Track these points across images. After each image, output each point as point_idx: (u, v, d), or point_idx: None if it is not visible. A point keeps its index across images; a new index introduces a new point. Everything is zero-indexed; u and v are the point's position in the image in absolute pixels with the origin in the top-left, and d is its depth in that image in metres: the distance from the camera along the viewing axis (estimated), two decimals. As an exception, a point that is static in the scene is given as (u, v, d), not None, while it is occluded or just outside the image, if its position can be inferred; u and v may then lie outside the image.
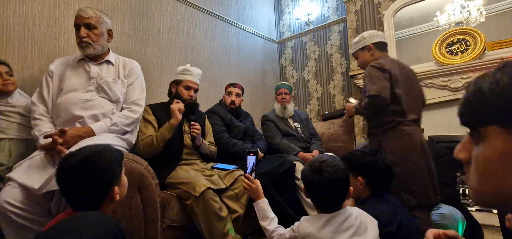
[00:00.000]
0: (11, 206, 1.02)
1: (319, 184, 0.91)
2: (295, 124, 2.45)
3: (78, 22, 1.38)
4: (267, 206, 1.11)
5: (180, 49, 2.58)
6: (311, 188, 0.94)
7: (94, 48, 1.41)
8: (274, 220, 1.08)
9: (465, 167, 0.46)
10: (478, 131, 0.42)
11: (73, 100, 1.32)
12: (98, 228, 0.63)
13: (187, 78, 1.75)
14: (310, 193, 0.96)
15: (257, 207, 1.12)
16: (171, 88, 1.81)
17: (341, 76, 3.31)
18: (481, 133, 0.41)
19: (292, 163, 1.94)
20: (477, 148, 0.43)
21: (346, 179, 0.93)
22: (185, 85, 1.74)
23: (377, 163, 1.14)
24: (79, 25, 1.38)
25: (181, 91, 1.74)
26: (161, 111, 1.70)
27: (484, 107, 0.41)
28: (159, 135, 1.57)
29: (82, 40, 1.37)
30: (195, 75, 1.78)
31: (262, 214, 1.10)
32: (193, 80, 1.77)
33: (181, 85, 1.75)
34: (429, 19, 2.70)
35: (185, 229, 1.50)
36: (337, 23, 3.35)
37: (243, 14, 3.36)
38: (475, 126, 0.43)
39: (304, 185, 0.98)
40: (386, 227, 0.98)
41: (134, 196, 1.26)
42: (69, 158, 0.78)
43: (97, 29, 1.41)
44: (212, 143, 1.90)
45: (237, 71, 3.19)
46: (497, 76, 0.40)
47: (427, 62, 2.57)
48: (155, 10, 2.40)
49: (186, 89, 1.74)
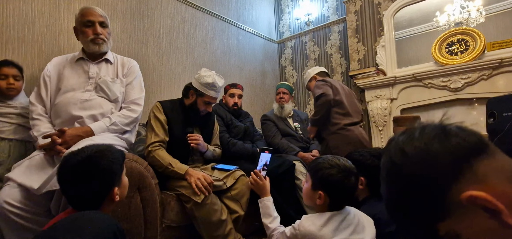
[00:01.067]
0: (11, 206, 1.02)
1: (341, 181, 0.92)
2: (294, 124, 2.46)
3: (93, 19, 1.40)
4: (272, 205, 1.13)
5: (180, 49, 2.58)
6: (329, 185, 0.93)
7: (107, 46, 1.46)
8: (276, 219, 1.09)
9: None
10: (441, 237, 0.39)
11: (71, 100, 1.32)
12: (98, 227, 0.63)
13: (211, 94, 1.60)
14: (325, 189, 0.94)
15: (262, 203, 1.13)
16: (190, 95, 1.64)
17: (341, 76, 3.31)
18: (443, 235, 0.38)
19: (291, 163, 1.94)
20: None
21: (357, 177, 0.97)
22: (207, 101, 1.62)
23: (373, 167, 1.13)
24: (93, 22, 1.40)
25: (200, 104, 1.62)
26: (172, 110, 1.62)
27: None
28: (173, 170, 1.45)
29: (100, 37, 1.41)
30: (219, 90, 1.64)
31: (266, 212, 1.11)
32: (216, 96, 1.64)
33: (202, 98, 1.61)
34: (429, 20, 2.70)
35: (185, 229, 1.50)
36: (337, 23, 3.36)
37: (243, 14, 3.36)
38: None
39: (319, 181, 0.95)
40: (386, 227, 0.99)
41: (133, 196, 1.25)
42: (71, 157, 0.78)
43: (108, 28, 1.47)
44: (217, 145, 1.86)
45: (237, 71, 3.19)
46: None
47: (426, 62, 2.58)
48: (155, 10, 2.40)
49: (206, 104, 1.63)
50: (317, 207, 0.96)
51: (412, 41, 2.90)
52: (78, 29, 1.42)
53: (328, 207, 0.94)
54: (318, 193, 0.93)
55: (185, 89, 1.68)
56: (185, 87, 1.69)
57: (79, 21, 1.41)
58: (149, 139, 1.51)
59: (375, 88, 2.74)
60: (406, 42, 2.89)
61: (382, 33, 2.81)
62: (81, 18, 1.40)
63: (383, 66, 2.74)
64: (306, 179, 1.03)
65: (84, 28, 1.40)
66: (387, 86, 2.68)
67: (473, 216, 0.34)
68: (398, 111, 2.66)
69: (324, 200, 0.93)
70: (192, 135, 1.60)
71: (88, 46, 1.42)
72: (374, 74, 2.73)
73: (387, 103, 2.68)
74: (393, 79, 2.62)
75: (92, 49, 1.42)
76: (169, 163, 1.47)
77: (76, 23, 1.43)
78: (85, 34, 1.40)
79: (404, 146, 0.40)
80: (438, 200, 0.36)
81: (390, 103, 2.68)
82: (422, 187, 0.37)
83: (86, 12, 1.41)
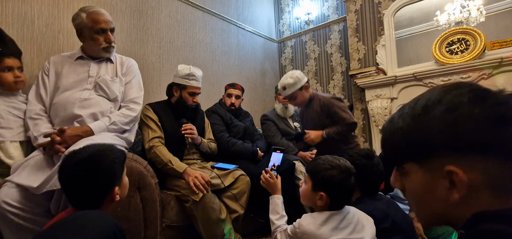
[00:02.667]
0: (9, 206, 1.02)
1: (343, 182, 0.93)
2: (294, 123, 2.45)
3: (105, 27, 1.40)
4: (282, 204, 1.14)
5: (179, 49, 2.58)
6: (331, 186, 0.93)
7: (114, 50, 1.49)
8: (283, 218, 1.10)
9: (404, 195, 0.51)
10: (402, 167, 0.47)
11: (70, 99, 1.31)
12: (98, 226, 0.63)
13: (192, 84, 1.69)
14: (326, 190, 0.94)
15: (272, 200, 1.15)
16: (173, 92, 1.74)
17: (341, 76, 3.31)
18: (404, 168, 0.47)
19: (292, 162, 1.94)
20: (406, 181, 0.48)
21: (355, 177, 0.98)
22: (190, 92, 1.70)
23: (373, 167, 1.14)
24: (105, 30, 1.40)
25: (186, 97, 1.69)
26: (161, 109, 1.68)
27: (398, 148, 0.46)
28: (172, 168, 1.48)
29: (112, 45, 1.43)
30: (199, 79, 1.73)
31: (274, 209, 1.13)
32: (198, 85, 1.72)
33: (185, 91, 1.69)
34: (429, 19, 2.69)
35: (184, 229, 1.50)
36: (337, 23, 3.35)
37: (243, 13, 3.35)
38: (397, 164, 0.48)
39: (321, 182, 0.95)
40: (380, 223, 1.00)
41: (133, 195, 1.25)
42: (73, 156, 0.79)
43: (114, 31, 1.48)
44: (211, 140, 1.89)
45: (237, 71, 3.19)
46: (399, 124, 0.45)
47: (427, 61, 2.57)
48: (154, 9, 2.39)
49: (191, 95, 1.70)
50: (318, 207, 0.97)
51: (412, 41, 2.90)
52: (86, 33, 1.39)
53: (328, 207, 0.95)
54: (319, 194, 0.94)
55: (168, 88, 1.77)
56: (168, 87, 1.77)
57: (89, 26, 1.36)
58: (147, 136, 1.56)
59: (375, 88, 2.73)
60: (406, 42, 2.89)
61: (382, 32, 2.80)
62: (91, 23, 1.36)
63: (383, 66, 2.74)
64: (305, 181, 1.02)
65: (95, 35, 1.38)
66: (387, 86, 2.68)
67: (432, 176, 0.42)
68: (398, 111, 2.66)
69: (326, 201, 0.93)
70: (187, 124, 1.65)
71: (98, 53, 1.43)
72: (374, 73, 2.73)
73: (387, 103, 2.68)
74: (393, 78, 2.62)
75: (103, 55, 1.44)
76: (169, 160, 1.50)
77: (83, 27, 1.38)
78: (96, 41, 1.39)
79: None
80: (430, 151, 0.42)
81: (390, 102, 2.67)
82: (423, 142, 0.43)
83: (98, 19, 1.37)
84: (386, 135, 0.49)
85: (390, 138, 0.48)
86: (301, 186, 1.04)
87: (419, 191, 0.45)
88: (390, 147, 0.49)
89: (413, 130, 0.43)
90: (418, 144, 0.43)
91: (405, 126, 0.44)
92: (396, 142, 0.46)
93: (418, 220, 0.50)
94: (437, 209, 0.44)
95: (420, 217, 0.49)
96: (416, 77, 2.53)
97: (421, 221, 0.50)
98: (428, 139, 0.42)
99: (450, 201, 0.41)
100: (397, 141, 0.46)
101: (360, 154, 1.19)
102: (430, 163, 0.42)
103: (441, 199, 0.42)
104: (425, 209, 0.46)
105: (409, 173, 0.46)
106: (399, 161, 0.47)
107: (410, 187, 0.47)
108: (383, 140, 0.50)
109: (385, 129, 0.48)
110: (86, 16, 1.36)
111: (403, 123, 0.44)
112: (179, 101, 1.71)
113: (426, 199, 0.45)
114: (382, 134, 0.50)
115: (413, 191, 0.46)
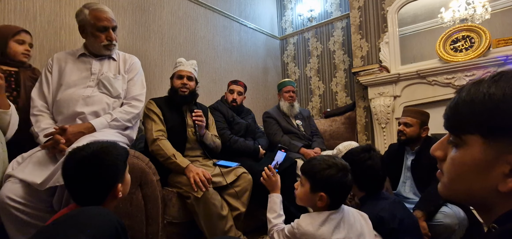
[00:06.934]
0: (13, 201, 1.02)
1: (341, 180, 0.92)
2: (297, 121, 2.44)
3: (107, 25, 1.40)
4: (280, 203, 1.13)
5: (181, 45, 2.57)
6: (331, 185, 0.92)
7: (116, 48, 1.49)
8: (281, 217, 1.09)
9: (439, 163, 0.50)
10: (460, 137, 0.44)
11: (73, 96, 1.31)
12: (100, 223, 0.63)
13: (178, 68, 1.75)
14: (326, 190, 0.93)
15: (271, 198, 1.14)
16: (170, 84, 1.80)
17: (344, 73, 3.29)
18: (463, 139, 0.43)
19: (293, 160, 1.93)
20: (455, 151, 0.45)
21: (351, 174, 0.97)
22: (177, 75, 1.74)
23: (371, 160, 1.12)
24: (107, 27, 1.40)
25: (174, 82, 1.73)
26: (163, 103, 1.70)
27: (473, 116, 0.42)
28: (175, 162, 1.49)
29: (113, 43, 1.44)
30: (186, 65, 1.76)
31: (272, 207, 1.12)
32: (184, 68, 1.74)
33: (174, 78, 1.75)
34: (434, 16, 2.66)
35: (186, 225, 1.50)
36: (340, 20, 3.32)
37: (245, 10, 3.34)
38: (458, 132, 0.45)
39: (320, 183, 0.93)
40: (388, 224, 0.99)
41: (135, 192, 1.26)
42: (76, 152, 0.79)
43: (116, 29, 1.48)
44: (215, 136, 1.89)
45: (239, 68, 3.18)
46: (491, 90, 0.41)
47: (431, 59, 2.54)
48: (156, 5, 2.39)
49: (178, 78, 1.72)
50: (317, 208, 0.96)
51: (416, 38, 2.87)
52: (88, 30, 1.39)
53: (328, 206, 0.94)
54: (319, 195, 0.92)
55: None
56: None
57: (91, 23, 1.37)
58: (151, 128, 1.57)
59: (378, 85, 2.71)
60: (410, 39, 2.86)
61: (386, 29, 2.77)
62: (94, 21, 1.36)
63: (386, 63, 2.72)
64: (301, 182, 1.00)
65: (97, 32, 1.38)
66: (391, 83, 2.65)
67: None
68: (401, 109, 2.64)
69: (326, 201, 0.92)
70: (198, 111, 1.70)
71: (99, 50, 1.43)
72: (377, 71, 2.70)
73: (390, 101, 2.66)
74: (396, 76, 2.59)
75: (104, 53, 1.44)
76: (173, 153, 1.51)
77: (86, 24, 1.38)
78: (98, 38, 1.39)
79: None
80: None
81: (393, 100, 2.65)
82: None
83: (100, 17, 1.37)
84: (463, 98, 0.44)
85: (470, 101, 0.43)
86: (297, 188, 1.01)
87: (469, 164, 0.43)
88: (462, 111, 0.44)
89: (502, 104, 0.39)
90: (498, 120, 0.40)
91: (495, 95, 0.40)
92: (473, 107, 0.42)
93: (445, 190, 0.48)
94: (478, 189, 0.42)
95: (451, 188, 0.47)
96: (419, 75, 2.50)
97: (449, 192, 0.47)
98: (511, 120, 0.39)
99: (499, 187, 0.39)
100: (475, 106, 0.42)
101: (359, 149, 1.19)
102: (500, 143, 0.40)
103: (490, 182, 0.40)
104: (463, 183, 0.44)
105: (468, 144, 0.43)
106: (462, 128, 0.44)
107: (460, 158, 0.44)
108: (457, 103, 0.45)
109: (468, 89, 0.44)
110: (89, 13, 1.37)
111: (496, 90, 0.40)
112: (171, 91, 1.74)
113: (472, 176, 0.42)
114: (458, 96, 0.45)
115: (463, 163, 0.43)
